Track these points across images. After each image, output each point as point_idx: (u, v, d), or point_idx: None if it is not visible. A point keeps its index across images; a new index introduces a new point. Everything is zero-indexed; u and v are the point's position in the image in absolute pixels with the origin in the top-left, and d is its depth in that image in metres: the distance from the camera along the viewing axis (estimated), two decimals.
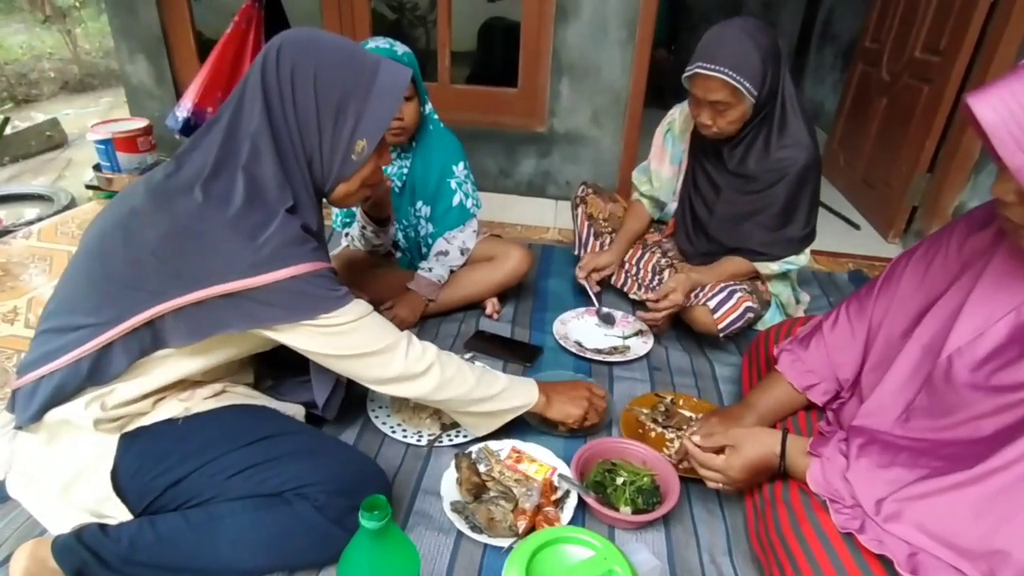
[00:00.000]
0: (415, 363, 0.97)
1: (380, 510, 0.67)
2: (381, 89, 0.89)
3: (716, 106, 1.34)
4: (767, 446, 0.93)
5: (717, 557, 1.00)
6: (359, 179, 0.96)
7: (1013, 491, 0.68)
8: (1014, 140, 0.63)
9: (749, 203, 1.48)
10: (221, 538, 0.86)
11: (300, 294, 0.85)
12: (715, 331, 1.45)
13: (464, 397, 1.03)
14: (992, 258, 0.84)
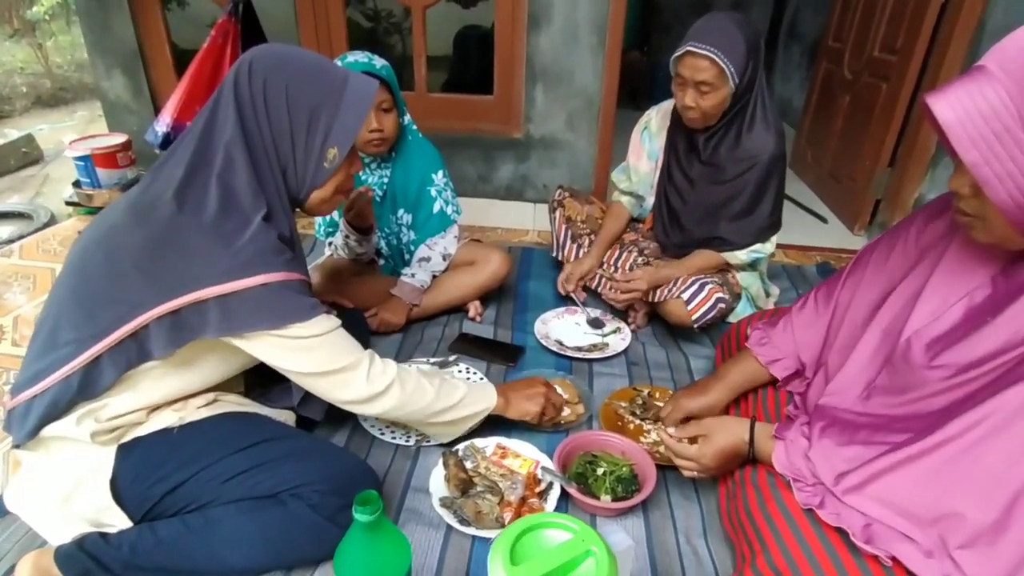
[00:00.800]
0: (376, 382, 0.99)
1: (372, 504, 0.71)
2: (350, 100, 0.94)
3: (701, 87, 1.41)
4: (736, 434, 0.99)
5: (693, 539, 1.06)
6: (333, 186, 1.00)
7: (960, 460, 0.73)
8: (969, 137, 0.68)
9: (720, 193, 1.56)
10: (219, 539, 0.89)
11: (271, 302, 0.88)
12: (689, 323, 1.52)
13: (425, 410, 1.06)
14: (948, 246, 0.90)
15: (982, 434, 0.71)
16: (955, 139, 0.69)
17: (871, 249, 1.05)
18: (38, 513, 0.95)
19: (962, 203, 0.77)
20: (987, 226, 0.76)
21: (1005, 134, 0.67)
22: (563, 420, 1.30)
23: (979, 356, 0.77)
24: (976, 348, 0.78)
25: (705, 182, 1.57)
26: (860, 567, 0.78)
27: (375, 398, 1.00)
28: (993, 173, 0.69)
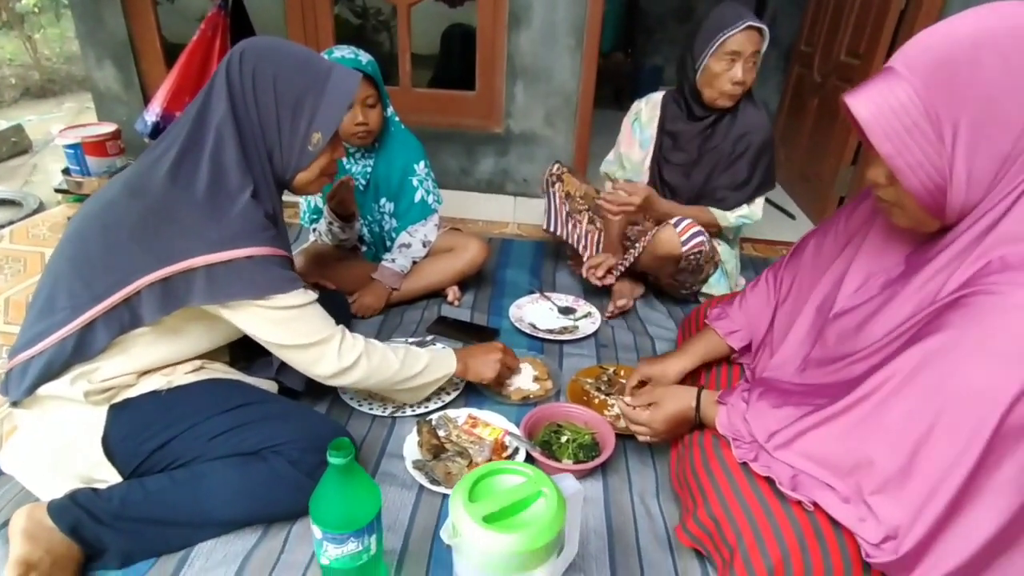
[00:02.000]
0: (346, 356, 1.07)
1: (345, 449, 0.79)
2: (334, 89, 1.01)
3: (752, 59, 1.56)
4: (684, 401, 1.08)
5: (647, 499, 1.15)
6: (317, 168, 1.08)
7: (870, 416, 0.82)
8: (883, 132, 0.76)
9: (720, 166, 1.70)
10: (204, 492, 0.96)
11: (255, 273, 0.95)
12: (679, 249, 1.58)
13: (391, 379, 1.15)
14: (870, 230, 1.00)
15: (887, 392, 0.80)
16: (871, 133, 0.77)
17: (810, 235, 1.15)
18: (32, 471, 1.02)
19: (880, 192, 0.86)
20: (904, 211, 0.85)
21: (914, 128, 0.75)
22: (532, 394, 1.39)
23: (892, 327, 0.86)
24: (890, 319, 0.87)
25: (706, 159, 1.71)
26: (786, 512, 0.87)
27: (345, 371, 1.07)
28: (905, 163, 0.77)
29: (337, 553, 0.82)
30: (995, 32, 0.71)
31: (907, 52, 0.77)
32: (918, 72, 0.75)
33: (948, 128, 0.74)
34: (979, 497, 0.74)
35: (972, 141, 0.74)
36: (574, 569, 0.99)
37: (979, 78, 0.71)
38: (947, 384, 0.74)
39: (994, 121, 0.72)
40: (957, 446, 0.73)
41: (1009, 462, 0.72)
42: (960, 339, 0.74)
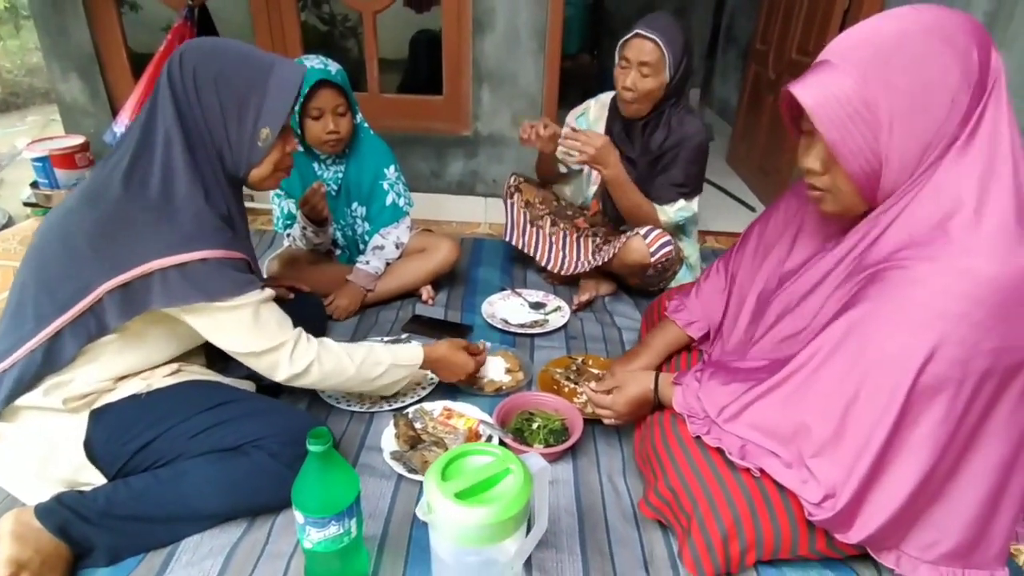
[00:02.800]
0: (297, 363, 1.07)
1: (323, 437, 0.84)
2: (277, 83, 1.02)
3: (643, 68, 1.60)
4: (643, 384, 1.15)
5: (614, 477, 1.21)
6: (270, 164, 1.09)
7: (804, 385, 0.90)
8: (829, 119, 0.82)
9: (656, 170, 1.74)
10: (188, 488, 1.00)
11: (208, 276, 0.96)
12: (648, 259, 1.67)
13: (346, 384, 1.17)
14: (804, 218, 1.08)
15: (817, 363, 0.88)
16: (818, 121, 0.82)
17: (754, 224, 1.23)
18: (17, 480, 1.03)
19: (814, 180, 0.92)
20: (836, 197, 0.92)
21: (856, 115, 0.81)
22: (504, 386, 1.45)
23: (822, 302, 0.94)
24: (821, 296, 0.95)
25: (643, 163, 1.75)
26: (737, 480, 0.95)
27: (297, 376, 1.09)
28: (848, 149, 0.83)
29: (319, 536, 0.87)
30: (918, 27, 0.79)
31: (839, 47, 0.83)
32: (855, 64, 0.80)
33: (885, 116, 0.80)
34: (901, 453, 0.83)
35: (904, 128, 0.80)
36: (546, 545, 1.05)
37: (911, 69, 0.78)
38: (867, 352, 0.82)
39: (922, 110, 0.79)
40: (879, 408, 0.81)
41: (925, 419, 0.81)
42: (876, 311, 0.82)
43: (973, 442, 0.85)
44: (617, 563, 1.03)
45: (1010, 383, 0.81)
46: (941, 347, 0.77)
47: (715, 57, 4.61)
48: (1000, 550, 0.94)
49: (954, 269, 0.78)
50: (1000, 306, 0.76)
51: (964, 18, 0.80)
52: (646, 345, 1.37)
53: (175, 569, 0.99)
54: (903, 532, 0.92)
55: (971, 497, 0.89)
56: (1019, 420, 0.84)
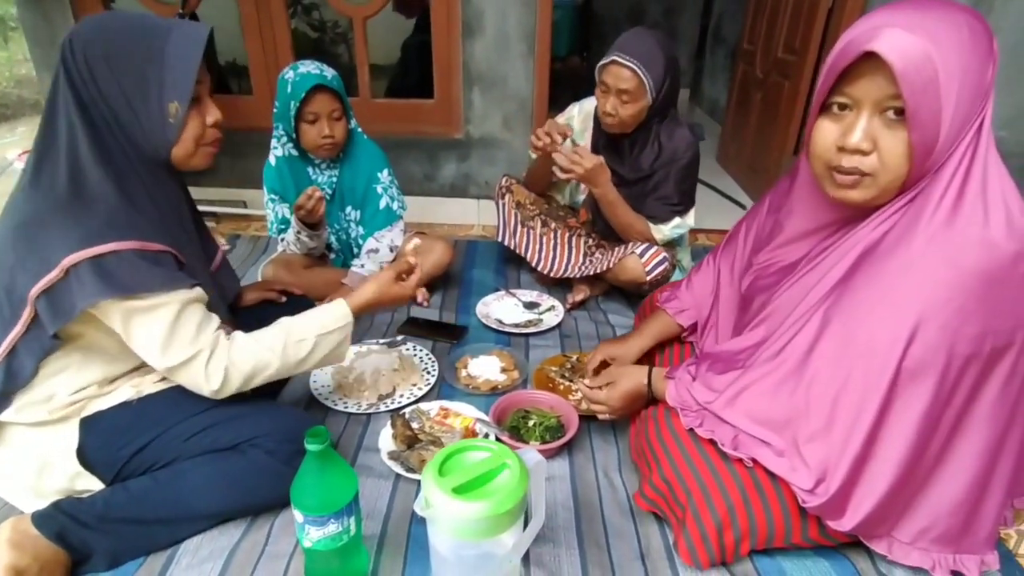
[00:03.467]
0: (213, 378, 0.98)
1: (321, 436, 0.84)
2: (176, 51, 0.93)
3: (622, 96, 1.58)
4: (637, 378, 1.17)
5: (610, 472, 1.23)
6: (190, 139, 0.99)
7: (797, 371, 0.91)
8: (912, 82, 0.75)
9: (645, 188, 1.73)
10: (186, 488, 1.00)
11: (123, 269, 0.88)
12: (643, 276, 1.67)
13: (277, 374, 1.05)
14: (788, 216, 1.09)
15: (807, 349, 0.90)
16: (906, 83, 0.75)
17: (742, 220, 1.24)
18: (14, 492, 1.03)
19: (859, 161, 0.83)
20: (877, 180, 0.84)
21: (932, 81, 0.76)
22: (500, 385, 1.46)
23: (808, 290, 0.96)
24: (808, 284, 0.97)
25: (634, 182, 1.74)
26: (730, 470, 0.96)
27: (221, 391, 1.00)
28: (926, 116, 0.77)
29: (319, 535, 0.88)
30: (966, 13, 0.78)
31: (897, 13, 0.77)
32: (927, 32, 0.75)
33: (955, 88, 0.76)
34: (888, 437, 0.85)
35: (961, 103, 0.77)
36: (544, 540, 1.06)
37: (967, 41, 0.76)
38: (855, 338, 0.84)
39: (973, 88, 0.77)
40: (866, 392, 0.83)
41: (910, 403, 0.82)
42: (864, 297, 0.84)
43: (959, 427, 0.87)
44: (614, 555, 1.04)
45: (994, 368, 0.83)
46: (924, 332, 0.79)
47: (704, 57, 4.65)
48: (989, 534, 0.96)
49: (939, 256, 0.79)
50: (983, 292, 0.78)
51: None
52: (637, 331, 1.40)
53: (175, 572, 1.00)
54: (894, 519, 0.94)
55: (959, 482, 0.90)
56: (1005, 404, 0.86)
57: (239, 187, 2.48)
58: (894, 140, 0.81)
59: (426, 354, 1.58)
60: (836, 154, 0.86)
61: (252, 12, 2.28)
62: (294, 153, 1.74)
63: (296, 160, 1.75)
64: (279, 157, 1.75)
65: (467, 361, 1.54)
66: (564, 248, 1.91)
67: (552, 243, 1.91)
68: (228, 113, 2.55)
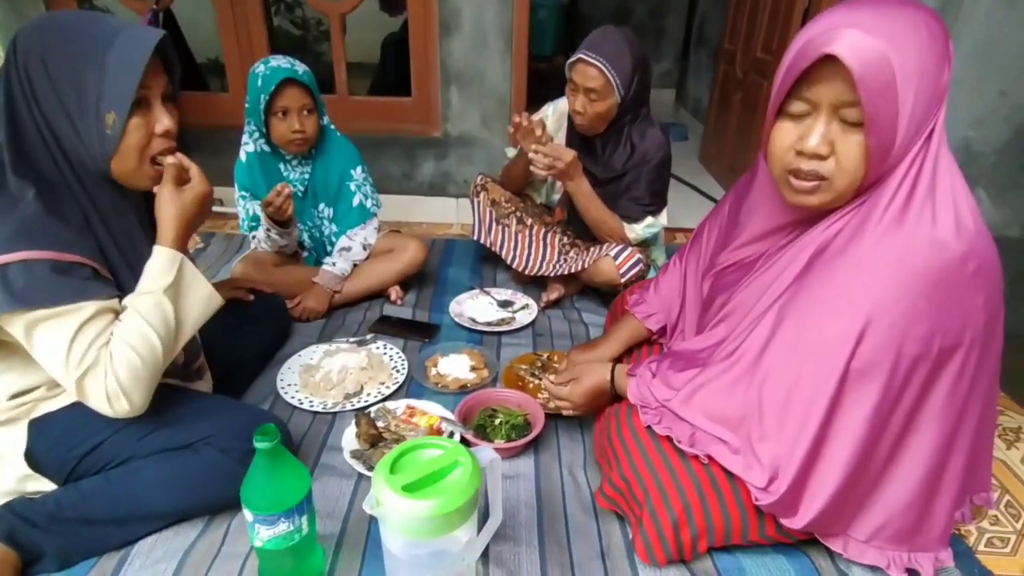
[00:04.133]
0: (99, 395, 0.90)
1: (270, 434, 0.83)
2: (119, 56, 0.87)
3: (589, 94, 1.58)
4: (600, 375, 1.16)
5: (575, 471, 1.22)
6: (132, 153, 0.93)
7: (751, 369, 0.91)
8: (870, 85, 0.74)
9: (618, 188, 1.73)
10: (139, 487, 0.98)
11: (27, 279, 0.84)
12: (617, 278, 1.67)
13: (171, 347, 0.96)
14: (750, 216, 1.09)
15: (761, 348, 0.90)
16: (865, 86, 0.74)
17: (705, 220, 1.24)
18: None
19: (817, 165, 0.83)
20: (833, 184, 0.83)
21: (890, 86, 0.75)
22: (469, 383, 1.45)
23: (764, 290, 0.96)
24: (765, 283, 0.97)
25: (607, 181, 1.74)
26: (686, 467, 0.96)
27: (129, 407, 0.92)
28: (884, 119, 0.77)
29: (269, 534, 0.87)
30: (924, 12, 0.78)
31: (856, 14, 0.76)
32: (886, 35, 0.74)
33: (911, 92, 0.76)
34: (837, 435, 0.85)
35: (918, 107, 0.77)
36: (505, 539, 1.06)
37: (924, 46, 0.76)
38: (806, 337, 0.84)
39: (929, 91, 0.77)
40: (815, 391, 0.83)
41: (859, 402, 0.83)
42: (815, 296, 0.84)
43: (910, 426, 0.87)
44: (574, 553, 1.04)
45: (943, 367, 0.83)
46: (873, 332, 0.79)
47: (688, 58, 4.66)
48: (942, 532, 0.96)
49: (888, 257, 0.80)
50: (931, 293, 0.78)
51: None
52: (607, 337, 1.39)
53: (127, 572, 0.98)
54: (847, 517, 0.94)
55: (911, 481, 0.91)
56: (954, 404, 0.86)
57: (215, 184, 2.44)
58: (851, 144, 0.81)
59: (396, 353, 1.57)
60: (794, 157, 0.85)
61: (227, 9, 2.27)
62: (266, 149, 1.73)
63: (268, 156, 1.74)
64: (250, 153, 1.73)
65: (437, 360, 1.53)
66: (539, 246, 1.90)
67: (527, 240, 1.91)
68: (204, 111, 2.55)
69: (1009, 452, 1.32)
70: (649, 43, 5.06)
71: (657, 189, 1.71)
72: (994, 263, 0.82)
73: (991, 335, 0.84)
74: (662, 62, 5.09)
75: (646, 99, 1.67)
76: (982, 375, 0.86)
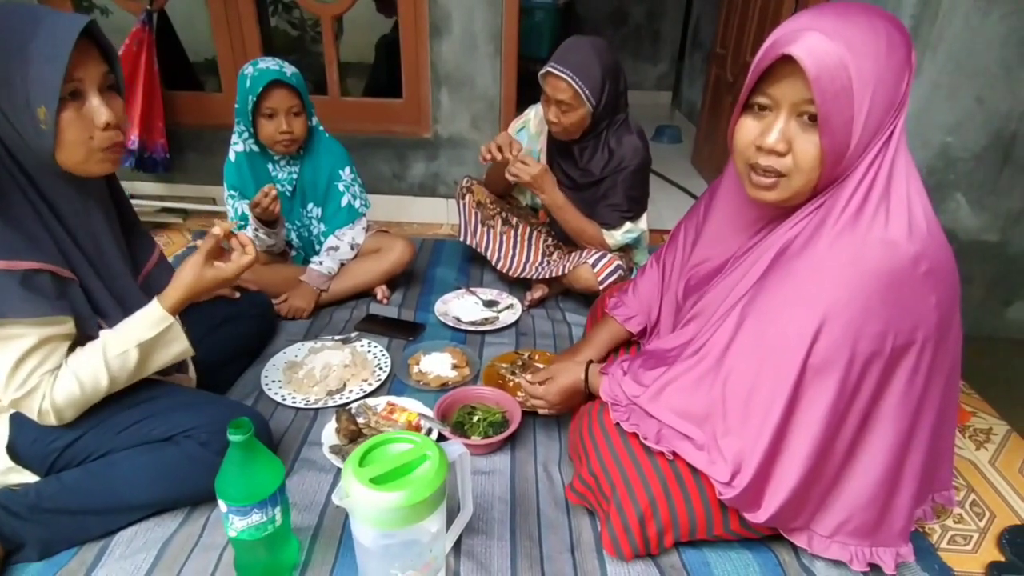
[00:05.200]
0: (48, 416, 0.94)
1: (244, 427, 0.86)
2: (42, 47, 0.83)
3: (560, 105, 1.61)
4: (574, 374, 1.19)
5: (549, 467, 1.25)
6: (76, 144, 0.90)
7: (715, 366, 0.93)
8: (825, 87, 0.76)
9: (596, 193, 1.75)
10: (118, 478, 1.01)
11: None
12: (596, 286, 1.69)
13: (117, 387, 0.99)
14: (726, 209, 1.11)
15: (724, 345, 0.92)
16: (819, 89, 0.77)
17: (682, 221, 1.26)
18: None
19: (774, 161, 0.85)
20: (791, 182, 0.86)
21: (846, 88, 0.77)
22: (450, 381, 1.48)
23: (732, 289, 0.98)
24: (733, 283, 0.99)
25: (585, 186, 1.76)
26: (652, 463, 0.98)
27: (57, 422, 0.96)
28: (838, 122, 0.79)
29: (242, 525, 0.89)
30: (885, 18, 0.80)
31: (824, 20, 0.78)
32: (845, 39, 0.76)
33: (867, 94, 0.78)
34: (796, 431, 0.87)
35: (875, 109, 0.79)
36: (477, 532, 1.08)
37: (883, 52, 0.78)
38: (766, 334, 0.86)
39: (885, 95, 0.79)
40: (775, 387, 0.85)
41: (816, 398, 0.85)
42: (775, 294, 0.86)
43: (867, 423, 0.89)
44: (545, 547, 1.06)
45: (897, 366, 0.85)
46: (829, 330, 0.81)
47: (684, 60, 4.69)
48: (903, 527, 0.98)
49: (845, 257, 0.82)
50: (884, 292, 0.80)
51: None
52: (588, 341, 1.40)
53: (108, 563, 1.01)
54: (809, 512, 0.96)
55: (870, 477, 0.93)
56: (909, 402, 0.88)
57: (208, 184, 2.48)
58: (808, 143, 0.83)
59: (380, 351, 1.60)
60: (754, 152, 0.88)
61: (220, 10, 2.29)
62: (255, 149, 1.75)
63: (256, 156, 1.76)
64: (239, 153, 1.76)
65: (420, 358, 1.55)
66: (524, 247, 1.93)
67: (512, 241, 1.93)
68: (198, 110, 2.57)
69: (978, 452, 1.35)
70: (646, 46, 5.08)
71: (634, 195, 1.72)
72: (948, 265, 0.85)
73: (944, 335, 0.86)
74: (659, 65, 5.12)
75: (621, 106, 1.68)
76: (936, 374, 0.88)
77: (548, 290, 1.90)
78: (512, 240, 1.92)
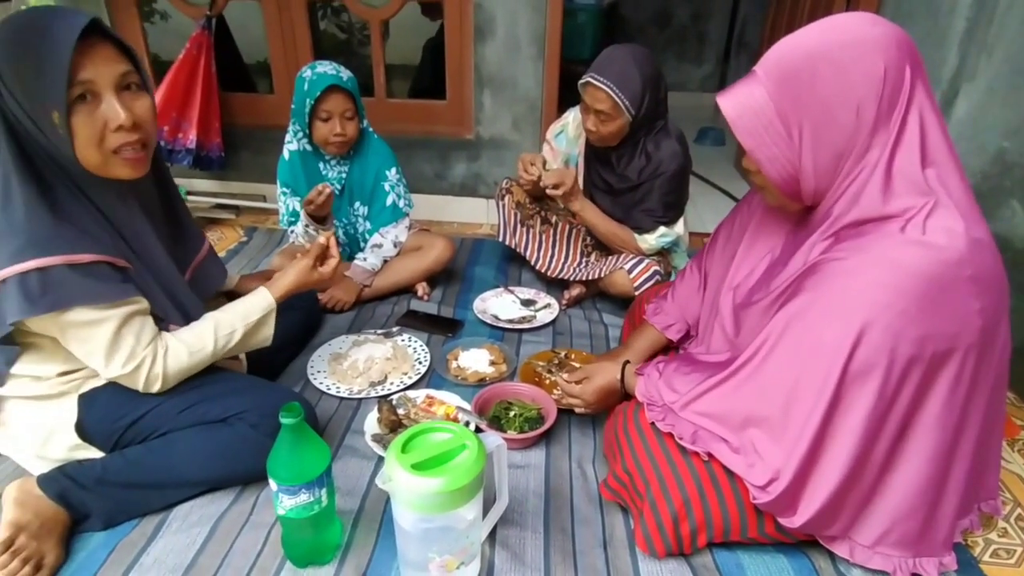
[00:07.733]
0: (154, 385, 1.04)
1: (295, 411, 0.91)
2: (47, 51, 0.84)
3: (600, 115, 1.62)
4: (611, 373, 1.20)
5: (584, 464, 1.27)
6: (90, 146, 0.91)
7: (752, 377, 0.94)
8: (746, 128, 0.89)
9: (634, 198, 1.76)
10: (176, 456, 1.08)
11: (44, 287, 0.88)
12: (632, 291, 1.71)
13: (213, 357, 1.10)
14: (761, 214, 1.11)
15: (763, 355, 0.92)
16: (736, 130, 0.88)
17: (721, 226, 1.26)
18: (22, 457, 1.12)
19: (752, 178, 0.98)
20: (771, 194, 0.97)
21: (769, 126, 0.86)
22: (487, 376, 1.51)
23: (773, 298, 0.98)
24: (769, 295, 0.99)
25: (623, 191, 1.78)
26: (687, 463, 0.99)
27: (159, 392, 1.05)
28: (764, 156, 0.89)
29: (291, 503, 0.94)
30: (832, 45, 0.83)
31: (767, 59, 0.89)
32: (772, 78, 0.86)
33: (795, 128, 0.86)
34: (835, 437, 0.87)
35: (814, 139, 0.85)
36: (512, 524, 1.11)
37: (817, 86, 0.83)
38: (804, 341, 0.86)
39: (831, 123, 0.84)
40: (814, 394, 0.85)
41: (856, 404, 0.85)
42: (813, 301, 0.86)
43: (907, 431, 0.88)
44: (578, 541, 1.08)
45: (938, 373, 0.84)
46: (868, 334, 0.81)
47: (729, 61, 4.62)
48: (947, 536, 0.97)
49: (883, 260, 0.81)
50: (924, 296, 0.80)
51: (883, 31, 0.82)
52: (627, 347, 1.40)
53: (166, 535, 1.08)
54: (847, 519, 0.95)
55: (913, 486, 0.91)
56: (952, 411, 0.87)
57: (259, 181, 2.58)
58: None
59: (420, 345, 1.64)
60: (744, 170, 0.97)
61: (274, 14, 2.39)
62: (307, 148, 1.82)
63: (309, 155, 1.83)
64: (292, 151, 1.83)
65: (458, 353, 1.59)
66: (563, 247, 1.95)
67: (551, 241, 1.96)
68: (251, 111, 2.67)
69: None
70: (690, 47, 5.02)
71: (671, 201, 1.72)
72: (995, 271, 0.83)
73: (990, 344, 0.85)
74: (703, 66, 5.04)
75: (661, 113, 1.68)
76: (981, 384, 0.87)
77: (585, 290, 1.91)
78: (551, 240, 1.95)
